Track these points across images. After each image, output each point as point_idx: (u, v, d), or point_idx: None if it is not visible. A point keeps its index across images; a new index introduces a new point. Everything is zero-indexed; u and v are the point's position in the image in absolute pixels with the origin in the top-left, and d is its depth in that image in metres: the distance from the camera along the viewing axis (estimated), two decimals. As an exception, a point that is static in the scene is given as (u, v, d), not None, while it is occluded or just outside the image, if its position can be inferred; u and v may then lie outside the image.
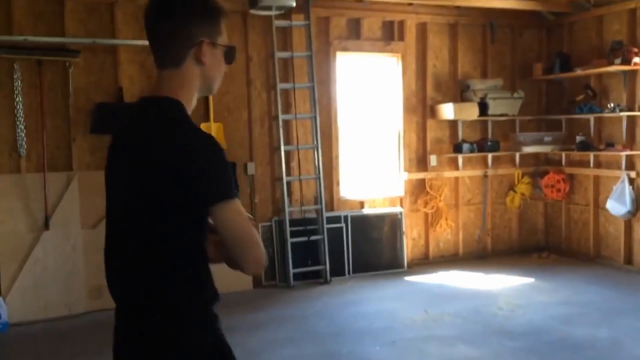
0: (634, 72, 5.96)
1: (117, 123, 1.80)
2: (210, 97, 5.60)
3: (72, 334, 4.62)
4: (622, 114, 5.99)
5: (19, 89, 5.03)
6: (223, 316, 1.66)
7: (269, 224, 5.94)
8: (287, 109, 6.00)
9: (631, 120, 6.06)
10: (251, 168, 5.90)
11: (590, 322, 4.58)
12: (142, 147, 1.55)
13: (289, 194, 5.99)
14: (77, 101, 5.25)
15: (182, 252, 1.56)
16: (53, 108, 5.19)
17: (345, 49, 6.24)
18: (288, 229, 5.79)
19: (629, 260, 6.17)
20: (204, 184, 1.48)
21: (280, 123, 5.85)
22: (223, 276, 5.75)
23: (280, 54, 5.88)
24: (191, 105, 1.63)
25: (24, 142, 5.06)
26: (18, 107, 5.04)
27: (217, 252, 1.60)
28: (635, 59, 5.78)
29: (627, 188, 5.94)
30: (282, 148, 5.86)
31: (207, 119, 5.64)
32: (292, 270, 5.77)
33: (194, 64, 1.60)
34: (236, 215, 1.50)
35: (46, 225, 5.00)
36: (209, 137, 1.55)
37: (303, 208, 6.01)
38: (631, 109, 5.99)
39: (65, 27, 5.17)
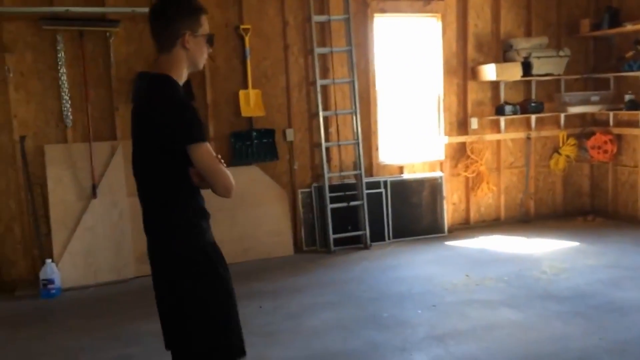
0: (690, 25, 5.65)
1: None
2: (248, 64, 5.63)
3: (121, 298, 4.80)
4: (675, 70, 5.71)
5: (62, 60, 5.14)
6: (265, 281, 2.28)
7: (308, 190, 5.97)
8: (324, 74, 5.95)
9: (685, 76, 5.77)
10: (290, 134, 5.91)
11: (639, 286, 4.47)
12: (139, 108, 2.22)
13: (328, 160, 5.98)
14: (118, 71, 5.33)
15: (171, 180, 2.14)
16: (96, 78, 5.28)
17: (383, 11, 6.10)
18: (328, 195, 5.81)
19: (680, 223, 5.97)
20: (179, 133, 2.07)
21: (318, 88, 5.81)
22: (265, 243, 5.85)
23: (317, 18, 5.80)
24: (182, 78, 2.22)
25: (69, 113, 5.20)
26: (62, 78, 5.16)
27: (200, 180, 2.12)
28: (692, 12, 5.46)
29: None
30: (321, 114, 5.83)
31: (245, 86, 5.66)
32: (332, 236, 5.80)
33: (181, 50, 2.18)
34: (204, 154, 2.07)
35: (94, 194, 5.16)
36: (178, 102, 2.11)
37: (342, 174, 6.01)
38: (685, 65, 5.70)
39: (104, -3, 5.23)
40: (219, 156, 2.15)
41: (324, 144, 5.85)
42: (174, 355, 2.25)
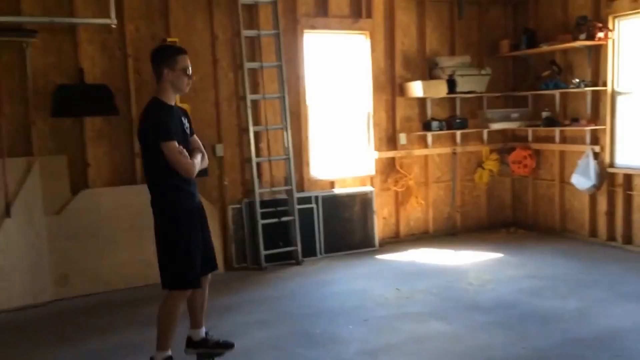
0: (598, 47, 6.03)
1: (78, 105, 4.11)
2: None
3: (35, 324, 4.49)
4: (586, 89, 6.08)
5: (-27, 71, 4.82)
6: None
7: (239, 206, 5.88)
8: (255, 89, 5.91)
9: (595, 95, 6.15)
10: (220, 150, 5.81)
11: (558, 295, 4.68)
12: (140, 121, 3.36)
13: (259, 175, 5.93)
14: (35, 83, 5.06)
15: (157, 167, 3.28)
16: (11, 91, 4.99)
17: (313, 27, 6.14)
18: (259, 211, 5.74)
19: (593, 233, 6.32)
20: (153, 135, 3.22)
21: (248, 103, 5.75)
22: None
23: (247, 32, 5.76)
24: (171, 100, 3.37)
25: (-20, 127, 4.87)
26: (-27, 90, 4.83)
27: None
28: (599, 34, 5.85)
29: (592, 162, 6.06)
30: (251, 129, 5.77)
31: (172, 100, 5.51)
32: (263, 252, 5.73)
33: (165, 80, 3.32)
34: (168, 148, 3.19)
35: (7, 213, 4.84)
36: (154, 115, 3.27)
37: (273, 189, 5.96)
38: (595, 84, 6.09)
39: (21, 5, 4.96)
40: (182, 150, 3.23)
41: (254, 160, 5.79)
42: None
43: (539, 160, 6.88)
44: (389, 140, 6.62)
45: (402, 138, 6.64)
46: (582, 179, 6.13)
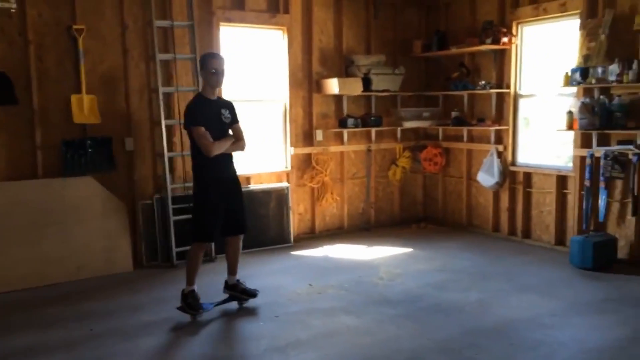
0: (503, 51, 6.35)
1: None
2: (82, 68, 5.25)
3: None
4: (491, 91, 6.39)
5: None
6: (100, 301, 4.44)
7: (149, 201, 5.70)
8: (168, 81, 5.75)
9: (500, 97, 6.48)
10: (129, 143, 5.60)
11: (462, 287, 4.90)
12: None
13: (172, 171, 5.77)
14: None
15: (192, 146, 4.27)
16: None
17: (229, 20, 6.05)
18: (171, 207, 5.59)
19: (496, 228, 6.67)
20: (185, 121, 4.26)
21: (161, 96, 5.59)
22: (101, 259, 5.45)
23: (159, 23, 5.58)
24: (209, 94, 4.32)
25: None
26: None
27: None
28: (504, 39, 6.16)
29: (496, 161, 6.38)
30: (163, 122, 5.61)
31: (78, 91, 5.27)
32: (175, 249, 5.59)
33: (202, 79, 4.36)
34: (194, 133, 4.14)
35: None
36: (189, 106, 4.27)
37: (187, 184, 5.81)
38: (500, 87, 6.41)
39: None
40: (204, 134, 4.12)
41: (166, 154, 5.63)
42: None
43: (448, 158, 7.17)
44: (306, 136, 6.65)
45: (319, 134, 6.69)
46: (487, 177, 6.45)
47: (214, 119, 4.24)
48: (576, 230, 5.74)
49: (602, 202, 5.46)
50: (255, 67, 6.43)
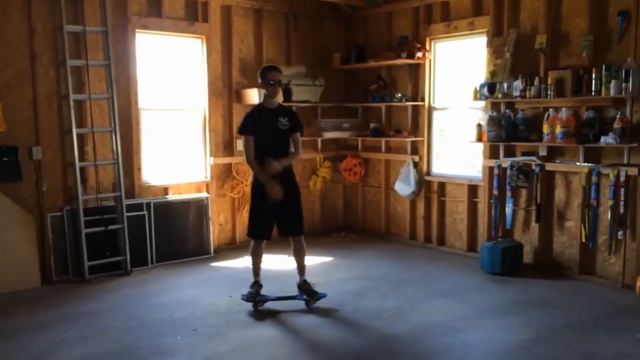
0: (418, 65, 6.60)
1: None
2: (-16, 72, 4.95)
3: None
4: (407, 103, 6.62)
5: None
6: (3, 319, 2.34)
7: (60, 214, 5.44)
8: (80, 88, 5.53)
9: (415, 109, 6.72)
10: (37, 152, 5.33)
11: (380, 294, 5.01)
12: None
13: (83, 181, 5.54)
14: None
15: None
16: None
17: (145, 27, 5.90)
18: (82, 219, 5.36)
19: (413, 235, 6.89)
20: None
21: (72, 103, 5.37)
22: (5, 275, 5.16)
23: (70, 27, 5.37)
24: (268, 103, 4.64)
25: None
26: None
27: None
28: (418, 54, 6.40)
29: (412, 171, 6.61)
30: (74, 131, 5.39)
31: (-21, 97, 4.95)
32: (87, 263, 5.36)
33: (262, 90, 4.79)
34: (244, 140, 4.63)
35: None
36: (245, 114, 4.77)
37: (100, 195, 5.60)
38: (415, 99, 6.65)
39: None
40: (248, 142, 4.55)
41: (78, 164, 5.40)
42: None
43: (367, 168, 7.34)
44: (226, 145, 6.59)
45: (239, 144, 6.63)
46: (404, 186, 6.66)
47: (268, 127, 4.54)
48: (486, 237, 6.03)
49: (508, 209, 5.78)
50: (173, 76, 6.31)
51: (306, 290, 4.74)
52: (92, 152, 5.57)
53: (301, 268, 4.80)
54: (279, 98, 4.80)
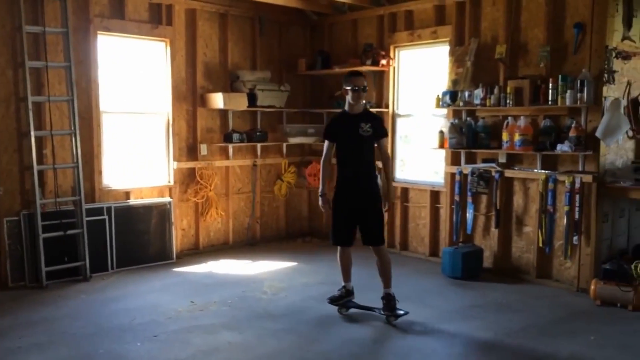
0: (382, 72, 6.69)
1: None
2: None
3: None
4: (372, 110, 6.65)
5: None
6: None
7: (16, 218, 5.30)
8: (39, 90, 5.41)
9: (380, 116, 6.75)
10: (-7, 155, 5.19)
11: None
12: None
13: (41, 185, 5.42)
14: None
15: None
16: None
17: (107, 29, 5.82)
18: (40, 224, 5.23)
19: (377, 241, 6.94)
20: None
21: (30, 105, 5.24)
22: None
23: (29, 28, 5.25)
24: (351, 109, 4.55)
25: None
26: None
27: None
28: (383, 61, 6.49)
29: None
30: (33, 133, 5.26)
31: None
32: (44, 269, 5.23)
33: (345, 95, 4.57)
34: (325, 145, 4.73)
35: None
36: (329, 120, 5.08)
37: (58, 200, 5.48)
38: (380, 106, 6.72)
39: None
40: (326, 149, 4.67)
41: (36, 167, 5.27)
42: None
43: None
44: (190, 150, 6.53)
45: (203, 149, 6.60)
46: (368, 192, 6.70)
47: (350, 133, 4.48)
48: (447, 242, 6.13)
49: (469, 215, 5.90)
50: (137, 79, 6.23)
51: (385, 304, 4.52)
52: (51, 156, 5.45)
53: (383, 279, 4.61)
54: (360, 104, 4.54)
